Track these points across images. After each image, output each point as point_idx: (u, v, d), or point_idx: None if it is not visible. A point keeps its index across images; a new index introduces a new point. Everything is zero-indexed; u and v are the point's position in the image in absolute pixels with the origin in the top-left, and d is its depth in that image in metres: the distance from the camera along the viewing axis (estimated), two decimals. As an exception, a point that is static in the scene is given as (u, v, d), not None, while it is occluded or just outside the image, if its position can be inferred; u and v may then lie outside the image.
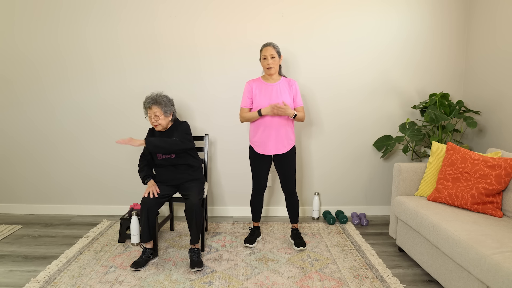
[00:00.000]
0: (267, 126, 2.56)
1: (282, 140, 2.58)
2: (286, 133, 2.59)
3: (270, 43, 2.53)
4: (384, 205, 3.49)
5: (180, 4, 3.17)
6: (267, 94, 2.56)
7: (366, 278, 2.28)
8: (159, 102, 2.52)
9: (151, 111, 2.52)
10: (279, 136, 2.57)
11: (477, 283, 1.75)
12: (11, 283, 2.20)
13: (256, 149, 2.64)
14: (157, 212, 2.47)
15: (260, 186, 2.74)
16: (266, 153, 2.61)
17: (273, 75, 2.58)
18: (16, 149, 3.36)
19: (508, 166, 2.19)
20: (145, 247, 2.47)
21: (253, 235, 2.81)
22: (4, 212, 3.43)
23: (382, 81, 3.31)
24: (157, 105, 2.51)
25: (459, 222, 2.04)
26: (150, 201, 2.40)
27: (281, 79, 2.61)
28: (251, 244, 2.73)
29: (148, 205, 2.39)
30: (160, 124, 2.54)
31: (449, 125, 2.94)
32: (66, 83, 3.27)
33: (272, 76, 2.58)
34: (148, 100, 2.53)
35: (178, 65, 3.23)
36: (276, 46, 2.54)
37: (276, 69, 2.55)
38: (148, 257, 2.45)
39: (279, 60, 2.56)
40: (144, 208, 2.39)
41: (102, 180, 3.39)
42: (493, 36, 2.99)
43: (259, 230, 2.88)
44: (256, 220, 2.85)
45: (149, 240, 2.45)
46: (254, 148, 2.65)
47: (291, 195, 2.72)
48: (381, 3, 3.22)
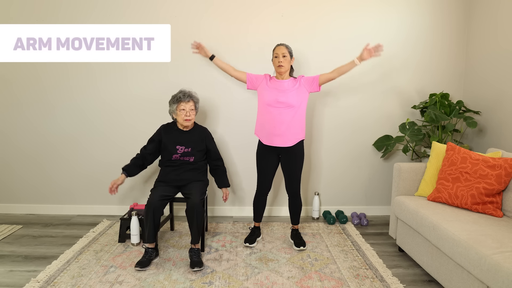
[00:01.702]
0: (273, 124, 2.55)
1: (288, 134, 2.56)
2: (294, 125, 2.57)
3: (283, 43, 2.60)
4: (384, 205, 3.49)
5: (181, 4, 3.17)
6: (274, 89, 2.58)
7: (366, 278, 2.28)
8: (194, 97, 2.62)
9: (187, 105, 2.55)
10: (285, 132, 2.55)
11: (477, 283, 1.75)
12: (11, 283, 2.20)
13: (263, 141, 2.62)
14: (162, 212, 2.48)
15: (264, 187, 2.74)
16: (272, 144, 2.59)
17: (283, 74, 2.60)
18: (16, 149, 3.36)
19: (508, 166, 2.19)
20: (147, 247, 2.47)
21: (253, 234, 2.81)
22: (4, 212, 3.43)
23: (382, 81, 3.31)
24: (193, 99, 2.59)
25: (459, 222, 2.04)
26: (156, 202, 2.40)
27: (290, 78, 2.64)
28: (251, 244, 2.74)
29: (154, 206, 2.39)
30: (192, 119, 2.58)
31: (449, 125, 2.94)
32: (66, 84, 3.26)
33: (282, 75, 2.61)
34: (186, 94, 2.57)
35: (178, 65, 3.23)
36: (288, 46, 2.59)
37: (286, 68, 2.57)
38: (152, 256, 2.46)
39: (291, 61, 2.60)
40: (149, 210, 2.38)
41: (102, 180, 3.38)
42: (493, 36, 2.99)
43: (259, 230, 2.88)
44: (257, 221, 2.86)
45: (154, 241, 2.46)
46: (261, 139, 2.64)
47: (295, 197, 2.72)
48: (381, 3, 3.22)
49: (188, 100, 2.56)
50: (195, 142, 2.63)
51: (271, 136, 2.57)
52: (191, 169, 2.61)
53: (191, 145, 2.61)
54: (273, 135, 2.56)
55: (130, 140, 3.32)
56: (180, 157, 2.59)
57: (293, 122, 2.55)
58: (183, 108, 2.55)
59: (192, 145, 2.61)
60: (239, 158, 3.37)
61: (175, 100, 2.59)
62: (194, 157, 2.61)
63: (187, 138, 2.63)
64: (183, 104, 2.55)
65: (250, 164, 3.36)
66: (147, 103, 3.28)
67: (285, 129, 2.54)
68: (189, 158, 2.60)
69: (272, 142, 2.58)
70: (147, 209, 2.39)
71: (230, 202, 3.44)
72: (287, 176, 2.68)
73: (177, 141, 2.61)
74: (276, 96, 2.55)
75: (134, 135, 3.31)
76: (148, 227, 2.41)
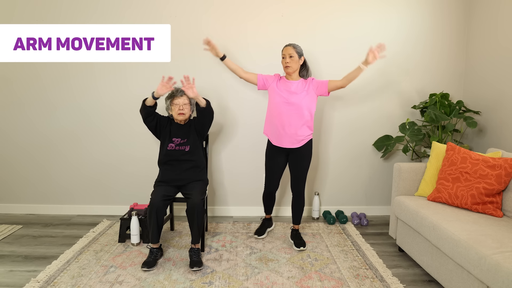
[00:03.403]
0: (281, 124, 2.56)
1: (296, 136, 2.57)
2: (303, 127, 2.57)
3: (291, 43, 2.58)
4: (384, 205, 3.49)
5: (182, 4, 3.17)
6: (284, 90, 2.58)
7: (366, 278, 2.28)
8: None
9: (180, 100, 2.57)
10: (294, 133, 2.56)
11: (477, 283, 1.75)
12: (11, 283, 2.20)
13: (272, 141, 2.65)
14: (165, 212, 2.48)
15: (272, 186, 2.78)
16: (281, 145, 2.61)
17: (291, 74, 2.60)
18: (16, 149, 3.36)
19: (508, 166, 2.19)
20: (152, 247, 2.48)
21: (262, 226, 2.92)
22: (4, 212, 3.43)
23: (382, 81, 3.31)
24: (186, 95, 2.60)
25: (459, 222, 2.04)
26: (158, 202, 2.41)
27: (300, 80, 2.63)
28: (260, 236, 2.85)
29: (157, 206, 2.40)
30: (186, 114, 2.59)
31: (449, 125, 2.94)
32: (66, 83, 3.26)
33: (291, 75, 2.60)
34: (179, 89, 2.59)
35: (178, 65, 3.23)
36: (296, 46, 2.57)
37: (293, 69, 2.56)
38: (157, 256, 2.47)
39: (299, 61, 2.58)
40: (153, 210, 2.39)
41: (102, 180, 3.39)
42: (493, 36, 2.99)
43: (270, 221, 2.99)
44: (268, 213, 2.96)
45: (158, 241, 2.46)
46: (270, 139, 2.67)
47: (299, 196, 2.74)
48: (381, 3, 3.22)
49: (181, 94, 2.58)
50: (190, 132, 2.66)
51: (280, 136, 2.59)
52: (190, 167, 2.61)
53: (187, 136, 2.63)
54: (282, 136, 2.58)
55: (130, 140, 3.33)
56: (176, 147, 2.60)
57: (302, 123, 2.56)
58: (177, 102, 2.58)
59: (187, 136, 2.63)
60: (239, 159, 3.37)
61: (169, 96, 2.63)
62: (190, 146, 2.62)
63: (183, 130, 2.65)
64: (176, 99, 2.58)
65: (250, 164, 3.36)
66: (147, 103, 3.28)
67: (294, 130, 2.55)
68: (185, 147, 2.61)
69: (281, 143, 2.60)
70: (150, 210, 2.40)
71: (230, 202, 3.44)
72: (293, 175, 2.70)
73: (173, 133, 2.64)
74: (286, 97, 2.56)
75: (134, 135, 3.32)
76: (151, 228, 2.41)
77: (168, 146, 2.61)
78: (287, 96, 2.55)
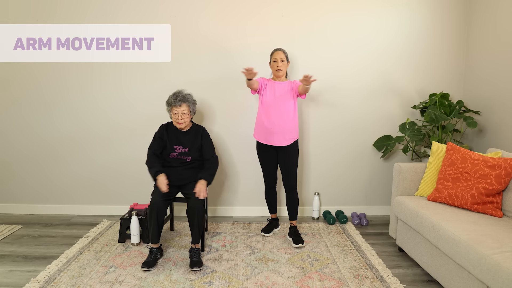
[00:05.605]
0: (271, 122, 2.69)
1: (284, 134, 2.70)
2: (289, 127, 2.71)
3: (281, 48, 2.77)
4: (384, 205, 3.49)
5: (181, 4, 3.17)
6: (272, 90, 2.74)
7: (366, 278, 2.28)
8: (188, 100, 2.59)
9: (179, 109, 2.54)
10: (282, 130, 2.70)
11: (477, 283, 1.75)
12: (11, 283, 2.20)
13: (261, 141, 2.78)
14: (166, 212, 2.49)
15: (270, 180, 2.91)
16: (269, 143, 2.73)
17: (281, 77, 2.78)
18: (16, 149, 3.36)
19: (508, 166, 2.19)
20: (152, 247, 2.48)
21: (270, 225, 3.01)
22: (4, 212, 3.43)
23: (382, 81, 3.31)
24: (186, 103, 2.57)
25: (459, 222, 2.04)
26: (159, 202, 2.41)
27: (287, 81, 2.80)
28: (267, 233, 2.94)
29: (157, 206, 2.40)
30: (185, 122, 2.58)
31: (449, 125, 2.94)
32: (65, 84, 3.26)
33: (280, 78, 2.79)
34: (178, 98, 2.55)
35: (178, 65, 3.23)
36: (285, 51, 2.77)
37: (284, 72, 2.77)
38: (157, 256, 2.47)
39: (287, 65, 2.77)
40: (153, 210, 2.39)
41: (102, 180, 3.39)
42: (493, 36, 2.99)
43: (277, 221, 3.08)
44: (273, 212, 3.06)
45: (158, 241, 2.47)
46: (259, 140, 2.80)
47: (292, 191, 2.83)
48: (381, 3, 3.22)
49: (179, 104, 2.54)
50: (192, 142, 2.64)
51: (268, 135, 2.72)
52: (190, 167, 2.61)
53: (189, 145, 2.62)
54: (271, 134, 2.70)
55: (129, 140, 3.33)
56: (178, 156, 2.60)
57: (289, 120, 2.70)
58: (175, 111, 2.56)
59: (189, 145, 2.62)
60: (238, 159, 3.37)
61: (168, 103, 2.60)
62: (191, 157, 2.62)
63: (185, 138, 2.64)
64: (174, 108, 2.56)
65: (250, 165, 3.36)
66: (147, 103, 3.28)
67: (282, 127, 2.68)
68: (186, 157, 2.61)
69: (269, 141, 2.74)
70: (150, 210, 2.40)
71: (230, 202, 3.44)
72: (284, 172, 2.81)
73: (175, 140, 2.62)
74: (274, 96, 2.72)
75: (134, 135, 3.32)
76: (152, 228, 2.42)
77: (170, 155, 2.61)
78: (275, 95, 2.71)
